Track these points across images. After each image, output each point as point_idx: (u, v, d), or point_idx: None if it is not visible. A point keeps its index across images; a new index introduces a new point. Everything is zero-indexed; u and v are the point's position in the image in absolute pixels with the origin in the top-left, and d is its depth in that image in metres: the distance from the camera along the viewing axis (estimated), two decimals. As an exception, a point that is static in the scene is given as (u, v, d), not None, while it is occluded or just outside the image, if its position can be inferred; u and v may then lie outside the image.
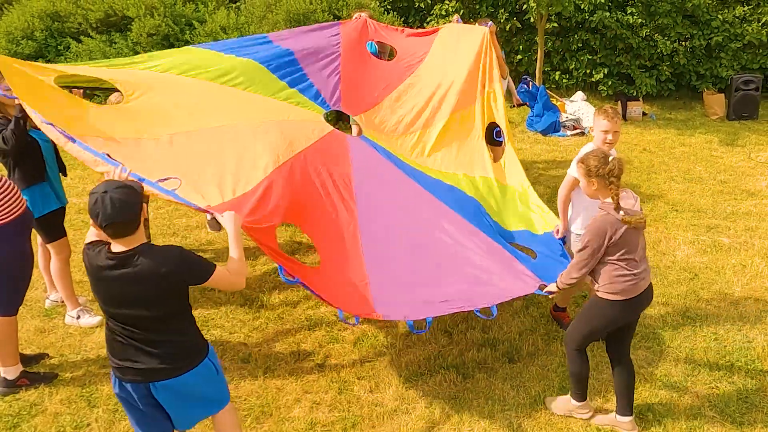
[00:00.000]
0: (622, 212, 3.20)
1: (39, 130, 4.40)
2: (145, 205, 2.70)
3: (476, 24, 6.09)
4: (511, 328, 4.55)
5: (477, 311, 3.67)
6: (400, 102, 5.48)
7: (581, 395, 3.60)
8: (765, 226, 6.12)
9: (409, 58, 5.79)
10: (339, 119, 8.10)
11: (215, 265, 2.78)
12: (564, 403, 3.69)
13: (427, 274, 4.00)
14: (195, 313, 4.73)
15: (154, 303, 2.63)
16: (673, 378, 4.00)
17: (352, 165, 4.55)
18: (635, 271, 3.28)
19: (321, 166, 4.33)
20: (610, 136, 3.88)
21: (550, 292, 3.70)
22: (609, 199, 3.25)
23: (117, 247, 2.62)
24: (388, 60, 6.22)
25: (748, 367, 4.11)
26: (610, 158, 3.24)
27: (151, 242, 2.80)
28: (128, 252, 2.60)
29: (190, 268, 2.70)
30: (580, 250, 3.32)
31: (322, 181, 4.26)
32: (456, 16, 6.52)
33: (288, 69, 5.20)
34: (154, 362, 2.68)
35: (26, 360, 4.19)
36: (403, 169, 4.80)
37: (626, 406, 3.53)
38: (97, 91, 4.11)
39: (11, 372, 3.98)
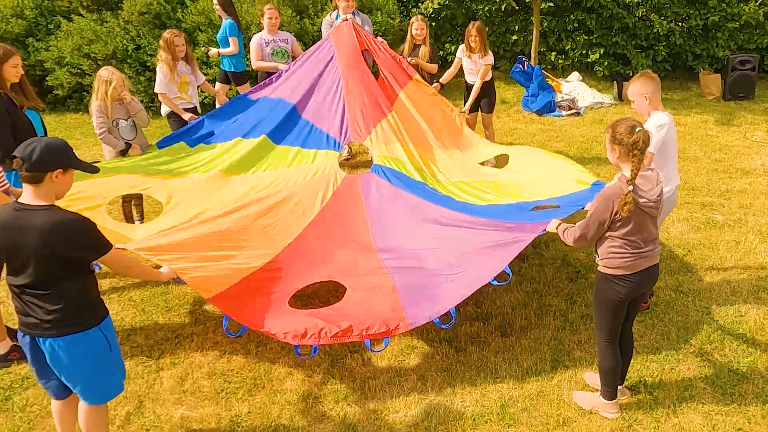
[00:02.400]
0: (630, 188, 3.03)
1: (34, 110, 4.39)
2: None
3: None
4: (504, 302, 4.55)
5: (493, 281, 3.68)
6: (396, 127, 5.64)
7: (612, 393, 3.45)
8: (759, 204, 6.12)
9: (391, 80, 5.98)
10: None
11: (111, 246, 2.86)
12: (592, 400, 3.56)
13: (442, 268, 4.03)
14: (188, 288, 4.78)
15: (41, 261, 2.69)
16: (664, 351, 4.01)
17: (366, 208, 4.83)
18: (635, 251, 3.18)
19: (338, 228, 4.63)
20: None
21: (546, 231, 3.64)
22: (628, 172, 3.09)
23: (26, 198, 2.74)
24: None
25: (740, 340, 4.12)
26: (638, 129, 3.07)
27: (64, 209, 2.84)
28: (33, 206, 2.71)
29: (83, 240, 2.76)
30: (586, 218, 3.21)
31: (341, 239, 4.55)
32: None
33: (293, 127, 5.48)
34: (41, 317, 2.76)
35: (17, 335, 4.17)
36: (414, 190, 4.92)
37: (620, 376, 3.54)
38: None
39: (1, 347, 3.98)
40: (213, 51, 7.41)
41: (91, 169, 3.02)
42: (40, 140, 2.76)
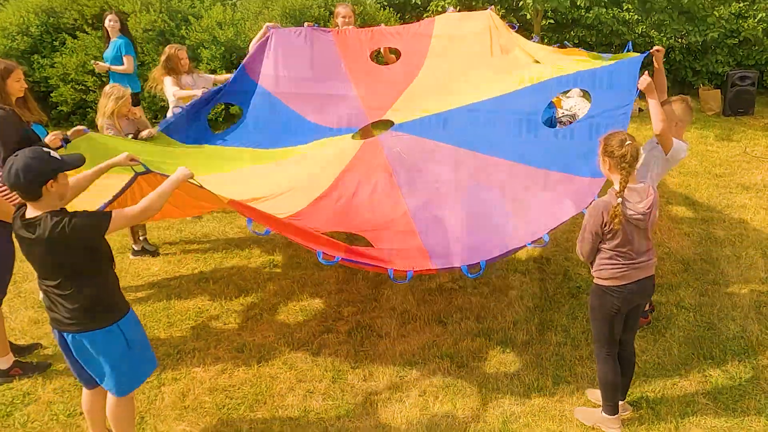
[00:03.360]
0: (619, 200, 3.10)
1: (40, 124, 4.42)
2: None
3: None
4: (505, 317, 4.55)
5: (528, 244, 3.65)
6: (415, 94, 5.55)
7: (613, 408, 3.44)
8: (759, 219, 6.13)
9: (412, 57, 5.87)
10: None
11: (110, 213, 2.91)
12: (593, 416, 3.54)
13: (474, 223, 4.06)
14: (190, 303, 4.81)
15: (55, 263, 2.83)
16: (666, 366, 4.00)
17: (390, 163, 4.83)
18: (627, 262, 3.22)
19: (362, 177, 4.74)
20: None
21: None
22: (617, 184, 3.16)
23: (29, 212, 2.83)
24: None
25: (742, 355, 4.11)
26: (627, 143, 3.16)
27: (64, 209, 2.89)
28: (33, 218, 2.79)
29: (82, 236, 2.82)
30: (581, 231, 3.28)
31: (370, 186, 4.65)
32: (450, 8, 6.46)
33: (305, 133, 5.48)
34: (62, 314, 2.91)
35: (20, 350, 4.18)
36: (437, 137, 4.85)
37: (621, 391, 3.53)
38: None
39: (3, 362, 3.98)
40: (102, 65, 6.98)
41: (78, 162, 2.98)
42: (16, 160, 2.73)
